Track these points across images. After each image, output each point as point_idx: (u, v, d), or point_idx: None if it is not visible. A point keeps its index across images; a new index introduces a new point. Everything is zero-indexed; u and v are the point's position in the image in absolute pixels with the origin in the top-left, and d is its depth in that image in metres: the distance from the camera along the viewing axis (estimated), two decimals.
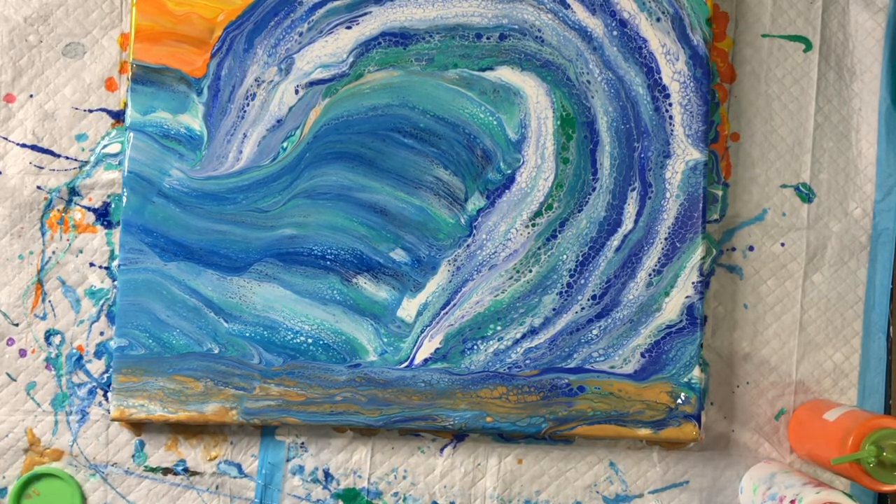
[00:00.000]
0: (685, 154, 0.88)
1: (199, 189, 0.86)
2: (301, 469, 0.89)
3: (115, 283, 0.88)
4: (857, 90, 0.93)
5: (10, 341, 0.88)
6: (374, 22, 0.87)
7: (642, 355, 0.87)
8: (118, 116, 0.89)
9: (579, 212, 0.88)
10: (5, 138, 0.88)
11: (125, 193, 0.86)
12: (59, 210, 0.88)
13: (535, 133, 0.88)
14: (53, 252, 0.88)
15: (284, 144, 0.87)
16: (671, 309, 0.88)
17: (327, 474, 0.89)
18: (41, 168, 0.88)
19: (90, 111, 0.89)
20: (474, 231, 0.88)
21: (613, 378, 0.87)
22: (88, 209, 0.89)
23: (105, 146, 0.89)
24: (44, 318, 0.88)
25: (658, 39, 0.88)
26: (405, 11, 0.87)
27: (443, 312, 0.87)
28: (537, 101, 0.88)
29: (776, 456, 0.91)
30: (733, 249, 0.92)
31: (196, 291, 0.86)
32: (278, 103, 0.87)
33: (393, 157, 0.87)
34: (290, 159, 0.87)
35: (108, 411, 0.88)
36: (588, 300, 0.88)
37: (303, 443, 0.89)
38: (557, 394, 0.87)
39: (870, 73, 0.92)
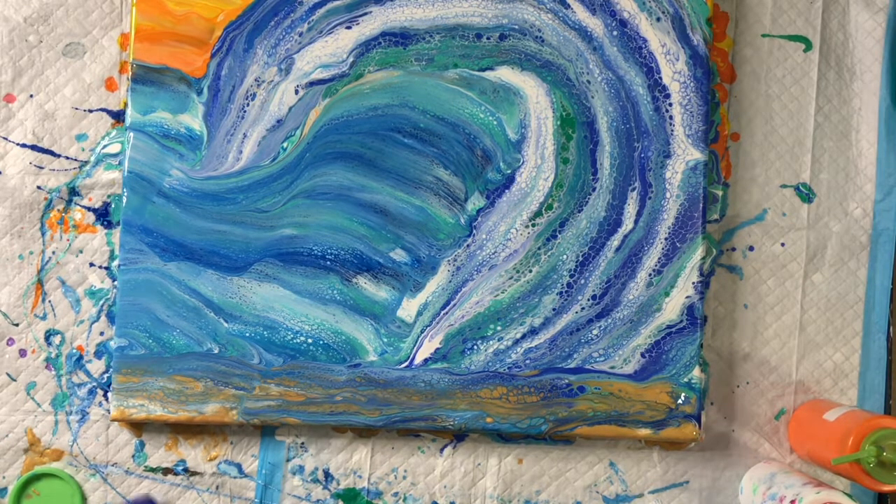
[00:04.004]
0: (685, 154, 0.88)
1: (199, 189, 0.86)
2: (301, 469, 0.89)
3: (115, 283, 0.88)
4: (857, 90, 0.93)
5: (10, 341, 0.88)
6: (374, 22, 0.87)
7: (642, 355, 0.87)
8: (118, 116, 0.89)
9: (579, 212, 0.88)
10: (5, 138, 0.88)
11: (125, 193, 0.86)
12: (59, 210, 0.88)
13: (535, 133, 0.88)
14: (53, 252, 0.88)
15: (284, 144, 0.87)
16: (671, 309, 0.88)
17: (327, 474, 0.89)
18: (41, 168, 0.88)
19: (90, 111, 0.89)
20: (474, 231, 0.88)
21: (613, 378, 0.87)
22: (88, 209, 0.88)
23: (105, 146, 0.89)
24: (44, 318, 0.88)
25: (658, 39, 0.88)
26: (405, 11, 0.87)
27: (443, 312, 0.87)
28: (537, 101, 0.88)
29: (776, 456, 0.91)
30: (733, 249, 0.92)
31: (196, 291, 0.86)
32: (278, 103, 0.87)
33: (393, 157, 0.87)
34: (290, 159, 0.87)
35: (108, 411, 0.88)
36: (588, 300, 0.88)
37: (303, 443, 0.89)
38: (557, 394, 0.87)
39: (870, 73, 0.92)
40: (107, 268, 0.89)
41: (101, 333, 0.88)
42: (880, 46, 0.93)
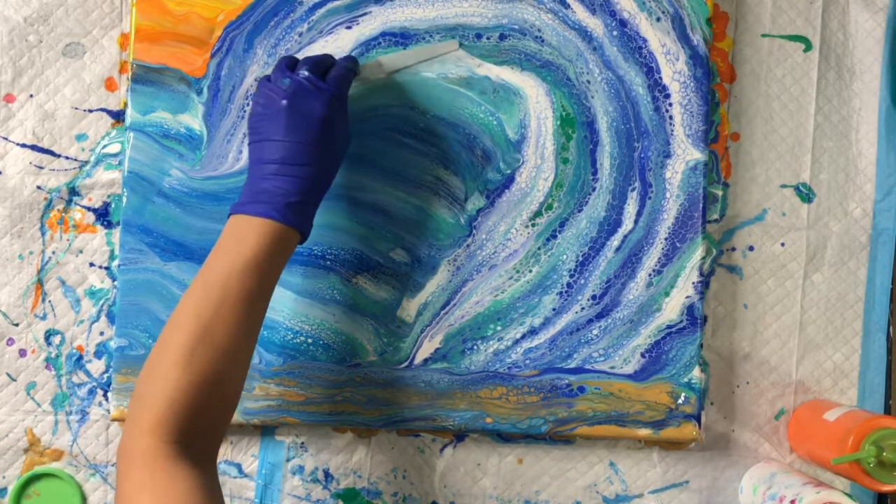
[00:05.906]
0: (685, 154, 0.88)
1: (199, 189, 0.86)
2: (301, 469, 0.89)
3: (115, 283, 0.88)
4: (857, 90, 0.93)
5: (10, 341, 0.88)
6: (374, 22, 0.87)
7: (642, 355, 0.87)
8: (118, 116, 0.89)
9: (579, 212, 0.88)
10: (5, 138, 0.88)
11: (125, 193, 0.86)
12: (59, 210, 0.88)
13: (535, 133, 0.88)
14: (53, 252, 0.88)
15: None
16: (671, 309, 0.88)
17: (327, 474, 0.89)
18: (41, 168, 0.88)
19: (90, 111, 0.89)
20: (474, 231, 0.88)
21: (613, 378, 0.87)
22: (88, 209, 0.89)
23: (105, 146, 0.89)
24: (44, 318, 0.88)
25: (658, 39, 0.88)
26: (405, 11, 0.87)
27: (443, 312, 0.87)
28: (537, 101, 0.88)
29: (776, 456, 0.91)
30: (733, 249, 0.92)
31: None
32: None
33: (393, 157, 0.87)
34: None
35: (108, 411, 0.88)
36: (588, 300, 0.88)
37: (303, 443, 0.89)
38: (557, 394, 0.87)
39: (870, 73, 0.92)
40: (107, 268, 0.89)
41: (101, 333, 0.88)
42: (880, 46, 0.93)
